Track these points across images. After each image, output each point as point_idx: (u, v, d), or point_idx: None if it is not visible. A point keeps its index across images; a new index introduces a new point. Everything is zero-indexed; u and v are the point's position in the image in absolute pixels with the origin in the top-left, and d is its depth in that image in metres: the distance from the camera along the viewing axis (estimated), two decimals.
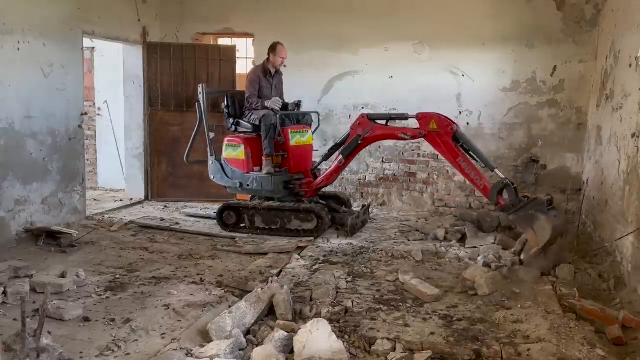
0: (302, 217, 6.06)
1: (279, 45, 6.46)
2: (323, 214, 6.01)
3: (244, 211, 6.32)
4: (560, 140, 7.06)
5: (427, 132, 5.50)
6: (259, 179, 6.30)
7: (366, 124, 5.91)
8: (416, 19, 7.28)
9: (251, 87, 6.42)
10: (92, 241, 5.77)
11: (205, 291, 4.32)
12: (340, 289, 4.29)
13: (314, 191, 6.42)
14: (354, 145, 6.00)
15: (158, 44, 7.82)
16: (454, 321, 3.70)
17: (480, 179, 5.29)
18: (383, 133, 5.98)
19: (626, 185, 4.66)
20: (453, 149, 5.39)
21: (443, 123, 5.45)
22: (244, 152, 6.36)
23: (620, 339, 3.43)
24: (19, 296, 3.84)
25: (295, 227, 6.09)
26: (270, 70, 6.53)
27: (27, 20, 5.69)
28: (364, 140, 5.96)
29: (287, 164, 6.39)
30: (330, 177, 6.33)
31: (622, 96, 5.08)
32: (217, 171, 6.56)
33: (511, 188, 5.05)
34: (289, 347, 3.26)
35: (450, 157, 5.44)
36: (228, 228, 6.34)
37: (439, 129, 5.44)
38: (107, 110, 8.64)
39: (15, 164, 5.65)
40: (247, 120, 6.47)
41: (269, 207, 6.19)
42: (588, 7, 6.77)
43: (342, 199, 6.81)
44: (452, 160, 5.44)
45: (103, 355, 3.21)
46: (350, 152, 6.07)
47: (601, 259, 5.06)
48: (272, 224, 6.17)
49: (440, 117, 5.50)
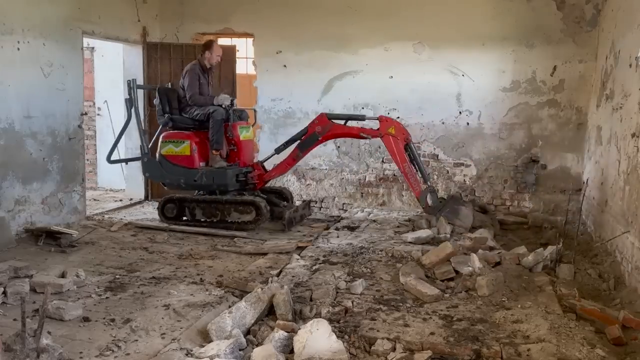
0: (241, 209, 6.28)
1: (215, 43, 6.71)
2: (261, 207, 6.19)
3: (185, 204, 6.49)
4: (560, 140, 7.06)
5: (385, 134, 6.15)
6: (209, 173, 6.40)
7: (325, 123, 6.34)
8: (416, 19, 7.28)
9: (193, 84, 6.52)
10: (92, 241, 5.77)
11: (205, 291, 4.32)
12: (340, 289, 4.29)
13: (265, 182, 6.74)
14: (313, 141, 6.43)
15: (158, 44, 7.82)
16: (454, 321, 3.70)
17: (417, 184, 6.20)
18: (343, 132, 6.50)
19: (626, 185, 4.66)
20: (403, 155, 6.16)
21: (401, 131, 6.20)
22: (189, 148, 6.44)
23: (620, 339, 3.43)
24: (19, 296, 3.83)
25: (235, 219, 6.29)
26: (206, 66, 6.65)
27: (27, 20, 5.70)
28: (322, 137, 6.41)
29: (237, 157, 6.59)
30: (284, 168, 6.70)
31: (622, 96, 5.08)
32: (154, 168, 6.62)
33: (434, 193, 6.25)
34: (288, 347, 3.25)
35: (399, 160, 6.15)
36: (169, 220, 6.51)
37: (397, 134, 6.14)
38: (107, 110, 8.63)
39: (15, 163, 5.65)
40: (189, 116, 6.55)
41: (210, 200, 6.38)
42: (588, 7, 6.77)
43: (285, 194, 7.08)
44: (400, 164, 6.16)
45: (103, 355, 3.21)
46: (307, 147, 6.50)
47: (601, 259, 5.06)
48: (213, 216, 6.39)
49: (400, 125, 6.28)
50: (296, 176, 7.95)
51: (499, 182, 7.31)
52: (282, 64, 7.82)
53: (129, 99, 6.48)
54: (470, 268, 4.45)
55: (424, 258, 4.81)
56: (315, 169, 7.93)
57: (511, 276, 4.41)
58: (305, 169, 7.93)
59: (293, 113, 7.87)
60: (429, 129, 7.44)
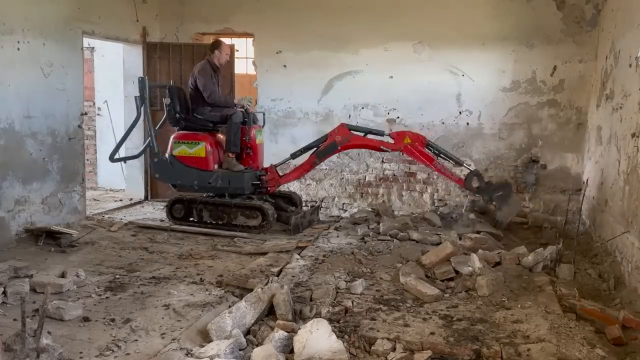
0: (248, 214, 6.25)
1: (223, 42, 6.64)
2: (268, 213, 6.14)
3: (193, 205, 6.46)
4: (560, 140, 7.06)
5: (404, 146, 6.16)
6: (226, 176, 6.33)
7: (345, 133, 6.29)
8: (416, 19, 7.27)
9: (209, 83, 6.38)
10: (92, 241, 5.77)
11: (205, 291, 4.32)
12: (340, 289, 4.29)
13: (278, 186, 6.68)
14: (331, 150, 6.39)
15: (157, 44, 7.82)
16: (454, 321, 3.70)
17: (454, 175, 6.27)
18: (363, 143, 6.45)
19: (626, 185, 4.66)
20: (428, 156, 6.16)
21: (416, 137, 6.20)
22: (204, 150, 6.33)
23: (620, 339, 3.43)
24: (19, 296, 3.83)
25: (241, 223, 6.26)
26: (216, 66, 6.57)
27: (27, 20, 5.69)
28: (341, 147, 6.38)
29: (251, 161, 6.54)
30: (300, 174, 6.68)
31: (622, 96, 5.08)
32: (165, 169, 6.48)
33: (481, 176, 6.17)
34: (288, 347, 3.25)
35: (428, 162, 6.17)
36: (175, 220, 6.49)
37: (413, 142, 6.13)
38: (107, 110, 8.63)
39: (15, 163, 5.65)
40: (203, 116, 6.43)
41: (219, 203, 6.36)
42: (588, 7, 6.77)
43: (294, 199, 6.96)
44: (429, 164, 6.18)
45: (103, 355, 3.21)
46: (325, 155, 6.47)
47: (601, 259, 5.06)
48: (219, 219, 6.36)
49: (412, 133, 6.28)
50: None
51: None
52: (282, 64, 7.82)
53: (140, 97, 6.32)
54: (470, 268, 4.45)
55: (424, 258, 4.81)
56: (315, 169, 7.91)
57: (511, 276, 4.42)
58: None
59: (293, 113, 7.87)
60: (429, 129, 7.44)
